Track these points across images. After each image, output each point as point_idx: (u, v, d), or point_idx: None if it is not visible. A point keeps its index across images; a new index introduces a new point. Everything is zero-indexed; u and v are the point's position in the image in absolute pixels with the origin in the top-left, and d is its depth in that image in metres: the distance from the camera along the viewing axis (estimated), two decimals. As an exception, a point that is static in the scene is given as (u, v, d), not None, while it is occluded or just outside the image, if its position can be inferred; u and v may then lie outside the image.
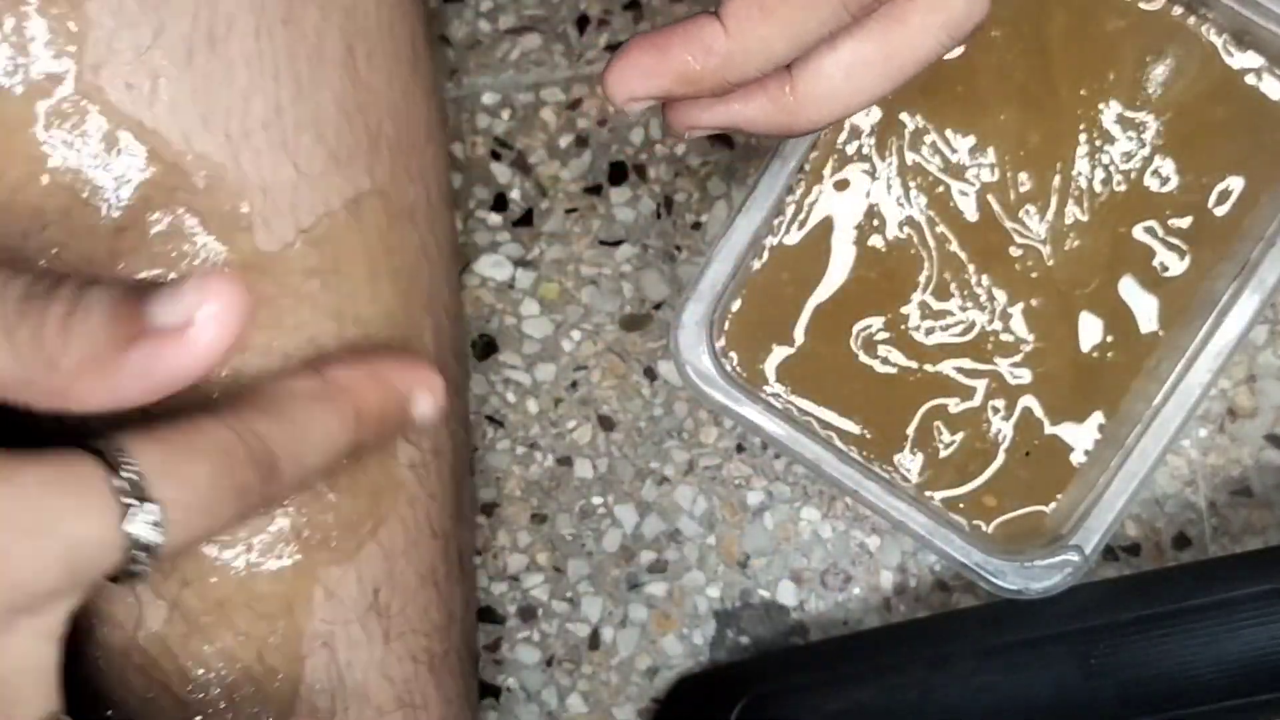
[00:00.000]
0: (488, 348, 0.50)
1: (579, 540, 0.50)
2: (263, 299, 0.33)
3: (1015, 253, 0.41)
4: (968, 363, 0.41)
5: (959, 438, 0.41)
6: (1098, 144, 0.41)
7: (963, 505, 0.41)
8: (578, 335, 0.50)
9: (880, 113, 0.41)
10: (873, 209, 0.41)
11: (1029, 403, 0.41)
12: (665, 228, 0.50)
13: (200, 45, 0.32)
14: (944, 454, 0.41)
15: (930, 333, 0.41)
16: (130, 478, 0.26)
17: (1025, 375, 0.41)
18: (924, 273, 0.41)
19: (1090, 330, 0.41)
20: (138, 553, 0.26)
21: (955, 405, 0.41)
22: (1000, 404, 0.41)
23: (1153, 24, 0.40)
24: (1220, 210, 0.41)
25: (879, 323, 0.41)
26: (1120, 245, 0.41)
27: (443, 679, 0.38)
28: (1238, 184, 0.41)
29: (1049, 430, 0.41)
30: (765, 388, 0.41)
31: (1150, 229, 0.41)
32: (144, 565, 0.26)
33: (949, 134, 0.41)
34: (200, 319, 0.26)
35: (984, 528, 0.41)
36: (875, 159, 0.41)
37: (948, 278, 0.41)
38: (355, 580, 0.35)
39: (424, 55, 0.38)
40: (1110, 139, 0.41)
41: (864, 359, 0.41)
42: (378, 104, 0.36)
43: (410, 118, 0.37)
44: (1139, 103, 0.41)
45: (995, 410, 0.41)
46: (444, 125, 0.40)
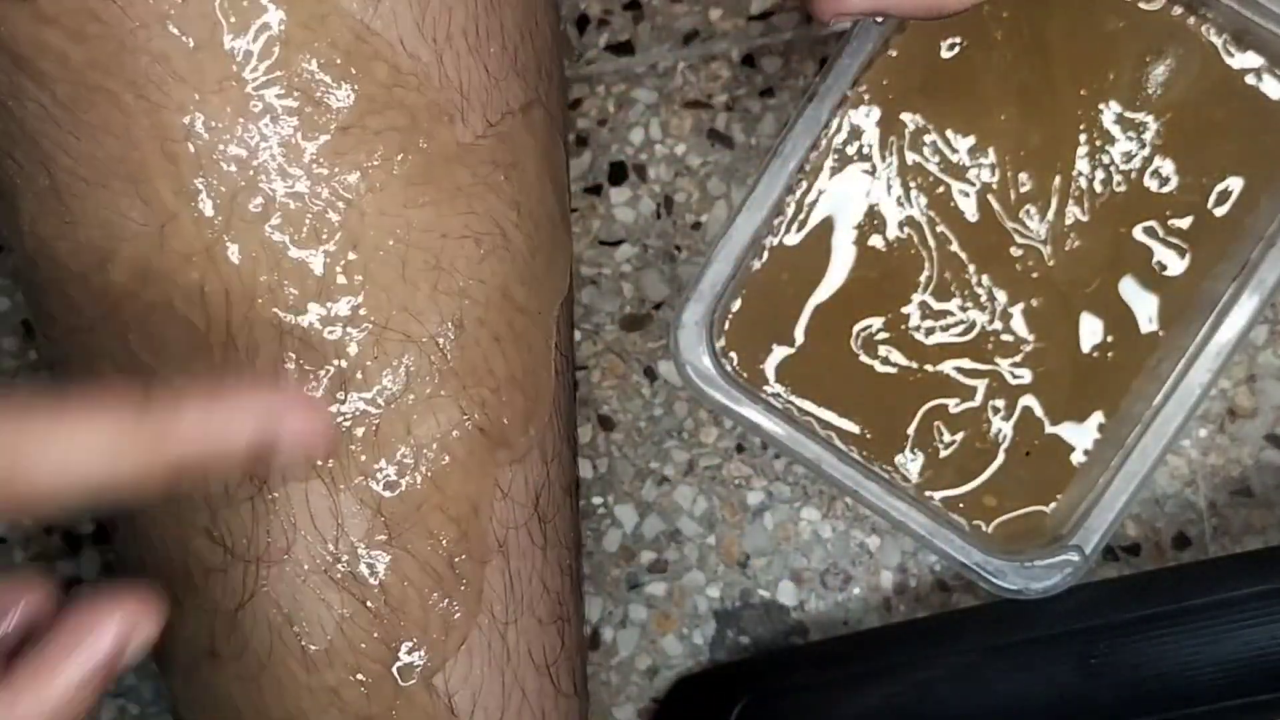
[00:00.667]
0: (488, 348, 0.50)
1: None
2: (459, 188, 0.36)
3: (1016, 253, 0.41)
4: (968, 363, 0.41)
5: (959, 438, 0.41)
6: (1098, 144, 0.41)
7: (963, 505, 0.41)
8: (578, 335, 0.50)
9: (881, 112, 0.41)
10: (873, 209, 0.41)
11: (1029, 403, 0.41)
12: (665, 228, 0.50)
13: None
14: (944, 454, 0.41)
15: (930, 333, 0.41)
16: None
17: (1025, 375, 0.41)
18: (924, 273, 0.41)
19: (1090, 330, 0.41)
20: None
21: (955, 405, 0.41)
22: (1000, 404, 0.41)
23: (1153, 24, 0.40)
24: (1220, 210, 0.41)
25: (879, 323, 0.41)
26: (1120, 245, 0.41)
27: (579, 597, 0.40)
28: (1238, 184, 0.41)
29: (1049, 430, 0.41)
30: (765, 388, 0.41)
31: (1150, 229, 0.41)
32: None
33: (949, 134, 0.41)
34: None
35: (984, 528, 0.41)
36: (876, 159, 0.41)
37: (948, 278, 0.41)
38: (524, 483, 0.37)
39: (560, 24, 0.43)
40: (1110, 139, 0.41)
41: (864, 359, 0.41)
42: (541, 36, 0.40)
43: (558, 61, 0.42)
44: (1139, 103, 0.41)
45: (995, 410, 0.41)
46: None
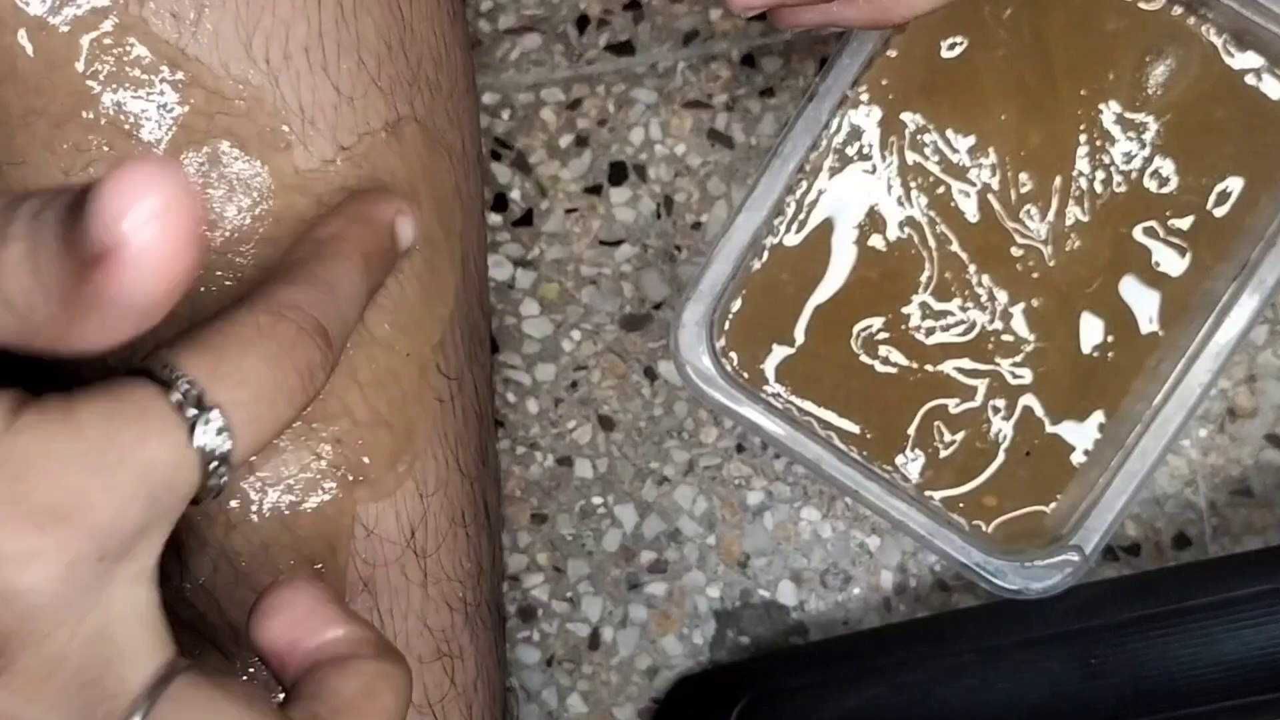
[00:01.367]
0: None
1: (579, 540, 0.50)
2: (303, 220, 0.33)
3: (1016, 253, 0.41)
4: (968, 363, 0.41)
5: (959, 438, 0.41)
6: (1098, 144, 0.41)
7: (963, 505, 0.41)
8: (578, 335, 0.50)
9: (881, 112, 0.41)
10: (873, 209, 0.41)
11: (1029, 402, 0.41)
12: (665, 228, 0.50)
13: None
14: (944, 454, 0.41)
15: (931, 333, 0.41)
16: (186, 389, 0.25)
17: (1026, 375, 0.41)
18: (925, 273, 0.41)
19: (1091, 330, 0.41)
20: (214, 465, 0.25)
21: (956, 405, 0.41)
22: (1001, 404, 0.41)
23: (1153, 24, 0.40)
24: (1220, 210, 0.41)
25: (879, 323, 0.41)
26: (1121, 245, 0.41)
27: (477, 630, 0.38)
28: (1238, 184, 0.41)
29: (1049, 430, 0.41)
30: (765, 388, 0.41)
31: (1151, 229, 0.41)
32: (223, 476, 0.25)
33: (950, 134, 0.41)
34: (133, 230, 0.21)
35: (984, 528, 0.41)
36: (876, 159, 0.41)
37: (948, 278, 0.41)
38: (394, 519, 0.35)
39: (461, 13, 0.39)
40: (1111, 139, 0.41)
41: (864, 359, 0.41)
42: (418, 43, 0.36)
43: (448, 64, 0.38)
44: (1139, 103, 0.41)
45: (996, 410, 0.41)
46: (474, 85, 0.41)
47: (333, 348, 0.28)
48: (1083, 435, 0.41)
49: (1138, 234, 0.41)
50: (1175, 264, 0.41)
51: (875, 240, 0.41)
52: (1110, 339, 0.41)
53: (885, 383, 0.41)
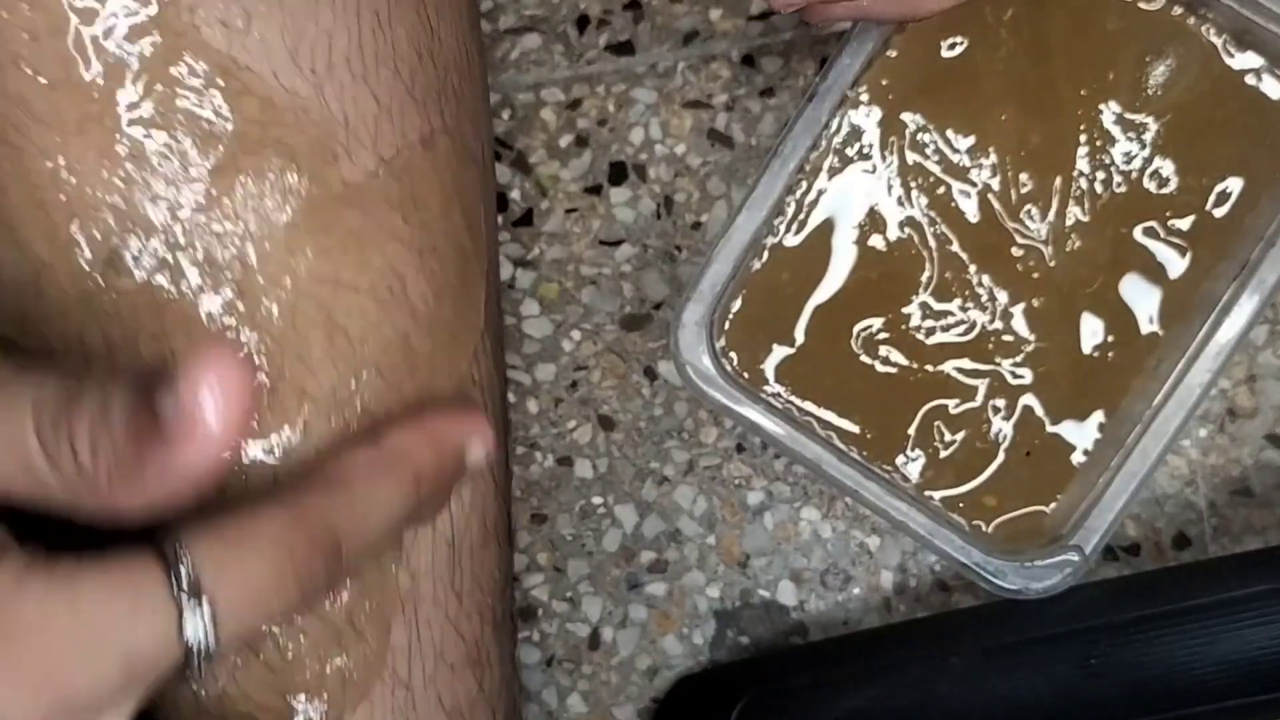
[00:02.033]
0: (488, 348, 0.50)
1: (579, 540, 0.50)
2: (351, 232, 0.34)
3: (1016, 253, 0.41)
4: (968, 363, 0.41)
5: (959, 438, 0.41)
6: (1098, 144, 0.41)
7: (963, 505, 0.41)
8: (578, 335, 0.50)
9: (881, 112, 0.41)
10: (873, 209, 0.41)
11: (1030, 402, 0.41)
12: (665, 228, 0.50)
13: None
14: (944, 454, 0.41)
15: (931, 333, 0.41)
16: (187, 575, 0.26)
17: (1026, 375, 0.41)
18: (925, 273, 0.41)
19: (1091, 330, 0.41)
20: (196, 649, 0.26)
21: (956, 405, 0.41)
22: (1001, 404, 0.41)
23: (1153, 24, 0.40)
24: (1220, 210, 0.41)
25: (879, 323, 0.41)
26: (1121, 245, 0.41)
27: (503, 639, 0.39)
28: (1238, 184, 0.41)
29: (1050, 430, 0.41)
30: (765, 388, 0.41)
31: (1151, 229, 0.41)
32: (201, 662, 0.26)
33: (950, 134, 0.41)
34: (198, 408, 0.24)
35: (984, 528, 0.41)
36: (876, 159, 0.41)
37: (949, 278, 0.41)
38: (432, 530, 0.36)
39: (478, 21, 0.40)
40: (1111, 139, 0.41)
41: (864, 359, 0.41)
42: (445, 53, 0.37)
43: (470, 73, 0.38)
44: (1139, 103, 0.41)
45: (996, 410, 0.41)
46: (489, 91, 0.42)
47: (343, 565, 0.29)
48: (1083, 435, 0.41)
49: (1138, 234, 0.41)
50: (1175, 264, 0.41)
51: (875, 240, 0.41)
52: (1110, 339, 0.41)
53: (885, 383, 0.41)
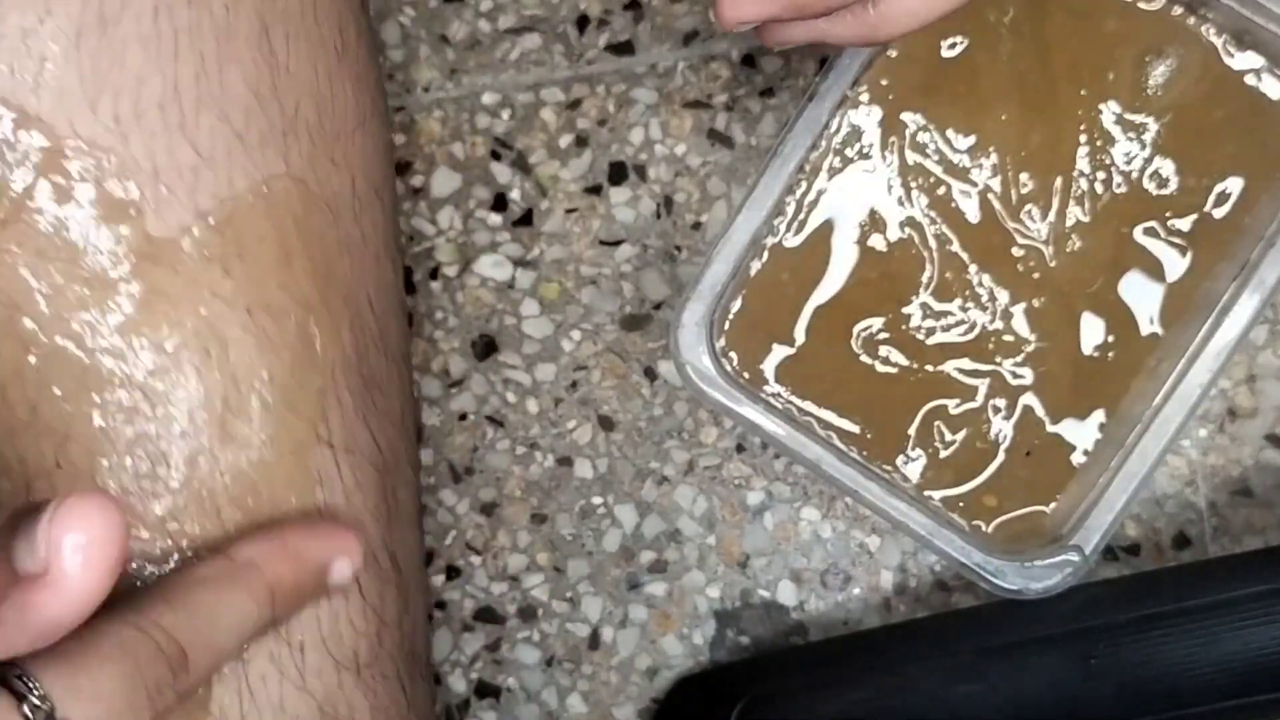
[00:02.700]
0: (488, 348, 0.50)
1: (579, 540, 0.50)
2: (158, 291, 0.32)
3: (1017, 253, 0.41)
4: (969, 363, 0.41)
5: (959, 438, 0.41)
6: (1098, 144, 0.41)
7: (963, 505, 0.41)
8: (578, 335, 0.50)
9: (881, 112, 0.41)
10: (874, 209, 0.41)
11: (1030, 402, 0.41)
12: (665, 228, 0.50)
13: (91, 27, 0.31)
14: (944, 454, 0.41)
15: (931, 333, 0.41)
16: (37, 706, 0.25)
17: (1026, 375, 0.41)
18: (925, 273, 0.41)
19: (1091, 330, 0.41)
20: None
21: (956, 405, 0.41)
22: (1001, 404, 0.41)
23: (1153, 24, 0.40)
24: (1220, 210, 0.41)
25: (879, 323, 0.41)
26: (1121, 246, 0.41)
27: (374, 687, 0.37)
28: (1238, 184, 0.41)
29: (1050, 430, 0.41)
30: (765, 388, 0.41)
31: (1151, 229, 0.41)
32: None
33: (950, 134, 0.41)
34: (61, 557, 0.24)
35: (984, 528, 0.41)
36: (876, 159, 0.41)
37: (949, 278, 0.41)
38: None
39: (355, 44, 0.38)
40: (1111, 139, 0.41)
41: (864, 359, 0.41)
42: (296, 86, 0.35)
43: (335, 105, 0.36)
44: (1139, 103, 0.41)
45: (996, 410, 0.41)
46: (382, 116, 0.39)
47: (190, 673, 0.28)
48: (1083, 435, 0.41)
49: (1138, 234, 0.41)
50: (1175, 264, 0.41)
51: (875, 240, 0.41)
52: (1110, 339, 0.41)
53: (885, 383, 0.41)
